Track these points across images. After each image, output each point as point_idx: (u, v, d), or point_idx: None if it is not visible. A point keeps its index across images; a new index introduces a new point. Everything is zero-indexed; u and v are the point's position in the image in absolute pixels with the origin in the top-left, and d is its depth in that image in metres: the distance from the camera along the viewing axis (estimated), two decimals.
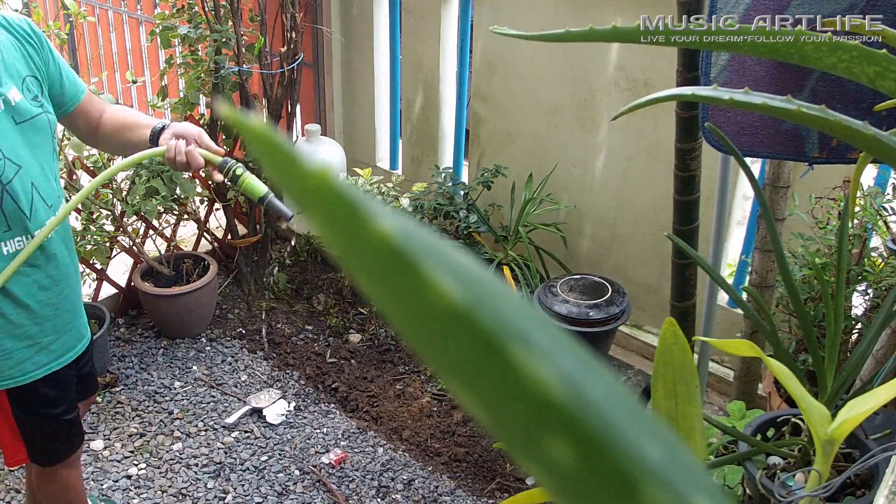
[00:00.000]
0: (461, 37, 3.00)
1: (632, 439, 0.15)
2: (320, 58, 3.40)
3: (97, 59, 4.80)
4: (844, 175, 1.97)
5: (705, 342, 1.66)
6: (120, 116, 1.61)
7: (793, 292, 1.46)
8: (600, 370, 0.17)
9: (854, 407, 0.90)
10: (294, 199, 0.17)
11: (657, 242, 2.64)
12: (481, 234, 2.90)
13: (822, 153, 1.45)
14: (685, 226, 1.70)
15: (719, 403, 2.51)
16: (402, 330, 0.17)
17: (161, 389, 2.65)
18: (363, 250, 0.16)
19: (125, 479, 2.29)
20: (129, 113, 1.63)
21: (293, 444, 2.45)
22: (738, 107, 0.66)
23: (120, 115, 1.61)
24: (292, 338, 2.95)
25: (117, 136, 1.59)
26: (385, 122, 3.42)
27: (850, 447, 1.40)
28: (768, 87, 1.41)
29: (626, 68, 2.54)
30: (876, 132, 0.60)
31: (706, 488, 0.16)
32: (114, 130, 1.59)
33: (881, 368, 1.58)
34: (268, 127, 0.17)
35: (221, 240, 3.16)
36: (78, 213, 2.64)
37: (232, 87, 2.84)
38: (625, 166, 2.65)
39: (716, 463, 1.53)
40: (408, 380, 2.75)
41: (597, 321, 2.33)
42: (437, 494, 2.29)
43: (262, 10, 2.80)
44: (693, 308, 1.80)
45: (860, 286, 1.97)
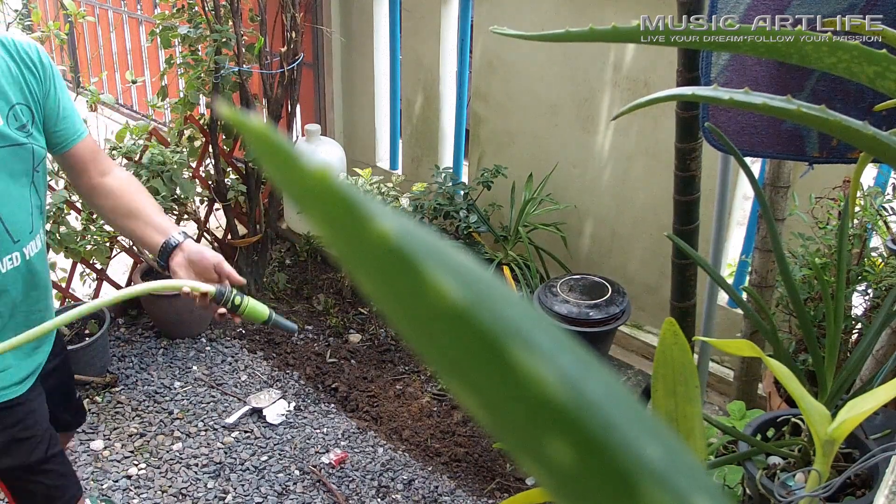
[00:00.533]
0: (461, 37, 3.00)
1: (632, 439, 0.15)
2: (320, 58, 3.40)
3: (97, 59, 4.80)
4: (844, 175, 1.97)
5: (705, 342, 1.66)
6: (128, 198, 1.44)
7: (793, 292, 1.46)
8: (600, 370, 0.17)
9: (854, 407, 0.90)
10: (294, 199, 0.17)
11: (657, 242, 2.64)
12: (481, 234, 2.90)
13: (822, 153, 1.45)
14: (685, 226, 1.70)
15: (719, 403, 2.51)
16: (402, 330, 0.17)
17: (161, 389, 2.65)
18: (363, 250, 0.16)
19: (125, 479, 2.29)
20: (139, 197, 1.46)
21: (293, 444, 2.45)
22: (738, 107, 0.66)
23: (128, 196, 1.44)
24: (292, 338, 2.95)
25: (122, 220, 1.44)
26: (385, 122, 3.42)
27: (850, 447, 1.40)
28: (768, 86, 1.41)
29: (626, 68, 2.53)
30: (876, 132, 0.60)
31: (706, 488, 0.16)
32: (119, 211, 1.44)
33: (881, 368, 1.58)
34: (268, 127, 0.17)
35: (221, 240, 3.16)
36: (78, 213, 2.64)
37: (232, 87, 2.84)
38: (625, 166, 2.65)
39: (716, 463, 1.53)
40: (408, 380, 2.75)
41: (597, 321, 2.33)
42: (437, 494, 2.29)
43: (262, 10, 2.80)
44: (693, 308, 1.80)
45: (860, 286, 1.97)
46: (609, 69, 2.57)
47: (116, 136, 2.73)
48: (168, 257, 1.37)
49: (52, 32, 2.47)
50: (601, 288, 2.43)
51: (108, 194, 1.45)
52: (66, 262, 2.75)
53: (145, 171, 2.66)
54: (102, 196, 1.45)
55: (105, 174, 1.47)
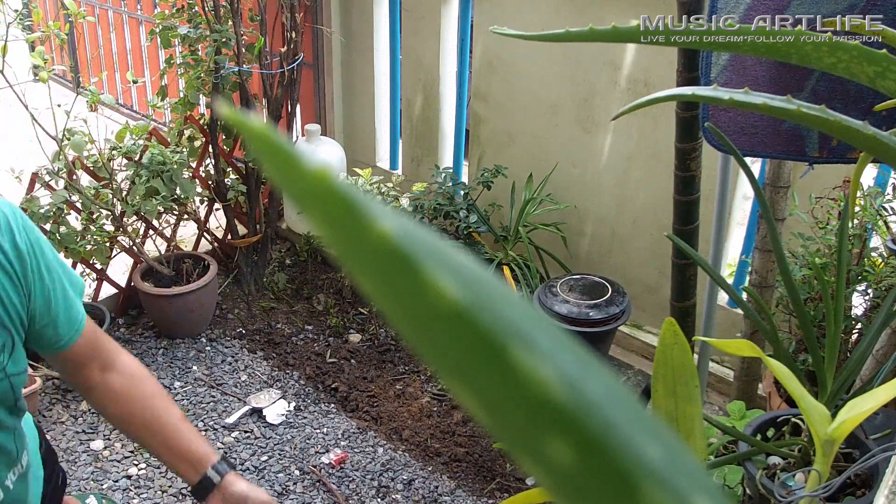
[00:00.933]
0: (461, 37, 3.00)
1: (632, 439, 0.15)
2: (320, 58, 3.40)
3: (97, 59, 4.80)
4: (844, 175, 1.97)
5: (705, 342, 1.66)
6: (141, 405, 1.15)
7: (793, 292, 1.46)
8: (600, 370, 0.17)
9: (854, 407, 0.90)
10: (294, 199, 0.17)
11: (657, 242, 2.64)
12: (481, 234, 2.90)
13: (823, 153, 1.45)
14: (685, 226, 1.70)
15: (719, 403, 2.51)
16: (402, 330, 0.17)
17: None
18: (363, 250, 0.16)
19: (125, 479, 2.29)
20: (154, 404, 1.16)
21: (293, 444, 2.45)
22: (738, 107, 0.66)
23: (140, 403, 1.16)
24: (292, 338, 2.95)
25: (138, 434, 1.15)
26: (385, 122, 3.42)
27: (850, 447, 1.40)
28: (768, 86, 1.41)
29: (625, 68, 2.53)
30: (876, 132, 0.60)
31: (706, 488, 0.16)
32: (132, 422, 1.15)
33: (881, 368, 1.58)
34: (268, 127, 0.17)
35: (221, 240, 3.16)
36: (78, 213, 2.64)
37: (232, 87, 2.84)
38: (625, 166, 2.65)
39: (716, 463, 1.53)
40: (408, 380, 2.75)
41: (597, 321, 2.33)
42: (437, 494, 2.29)
43: (262, 10, 2.80)
44: (693, 308, 1.80)
45: (860, 286, 1.97)
46: (609, 69, 2.57)
47: (116, 136, 2.73)
48: (204, 498, 1.14)
49: (52, 32, 2.47)
50: (601, 288, 2.43)
51: (114, 399, 1.15)
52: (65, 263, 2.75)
53: (145, 171, 2.66)
54: (106, 399, 1.15)
55: (107, 368, 1.15)
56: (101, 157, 2.63)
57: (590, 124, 2.69)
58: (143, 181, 2.65)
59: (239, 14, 2.72)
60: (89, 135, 2.58)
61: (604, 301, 2.37)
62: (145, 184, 2.64)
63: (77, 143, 2.50)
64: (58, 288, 1.05)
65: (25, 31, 2.48)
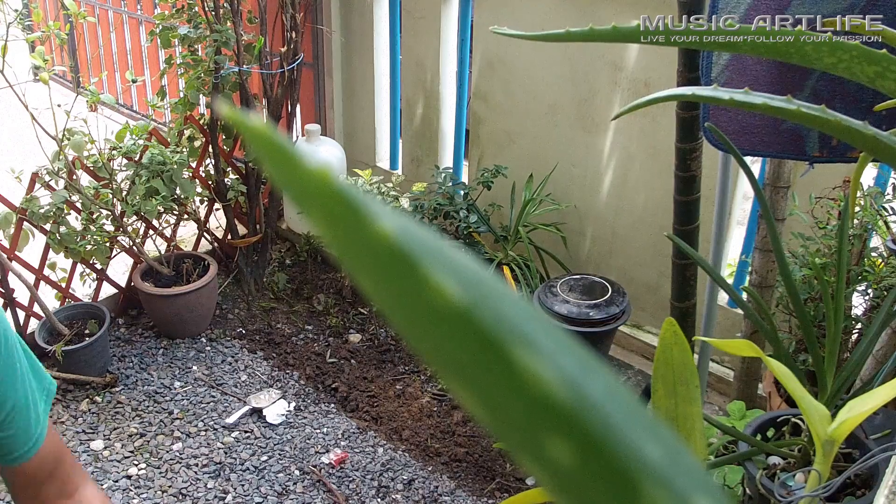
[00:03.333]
0: (461, 37, 3.00)
1: (632, 439, 0.15)
2: (320, 58, 3.40)
3: (97, 59, 4.80)
4: (844, 175, 1.97)
5: (705, 342, 1.66)
6: None
7: (793, 292, 1.46)
8: (600, 370, 0.17)
9: (854, 407, 0.90)
10: (294, 199, 0.17)
11: (657, 242, 2.63)
12: (481, 234, 2.90)
13: (823, 152, 1.45)
14: (685, 226, 1.70)
15: (719, 403, 2.51)
16: (402, 330, 0.17)
17: (161, 389, 2.65)
18: (363, 250, 0.16)
19: (125, 479, 2.29)
20: None
21: (293, 444, 2.45)
22: (738, 107, 0.66)
23: None
24: (292, 338, 2.95)
25: None
26: (385, 122, 3.42)
27: (850, 447, 1.40)
28: (768, 86, 1.41)
29: (625, 68, 2.53)
30: (876, 132, 0.60)
31: (706, 488, 0.16)
32: None
33: (881, 368, 1.58)
34: (268, 127, 0.17)
35: (221, 240, 3.16)
36: (78, 213, 2.64)
37: (232, 87, 2.84)
38: (625, 166, 2.65)
39: (716, 463, 1.53)
40: (408, 380, 2.75)
41: (597, 321, 2.33)
42: (437, 494, 2.29)
43: (262, 11, 2.80)
44: (693, 308, 1.80)
45: (860, 286, 1.97)
46: (609, 69, 2.57)
47: (116, 136, 2.73)
48: None
49: (52, 32, 2.47)
50: (601, 288, 2.43)
51: None
52: (66, 262, 2.75)
53: (145, 171, 2.66)
54: None
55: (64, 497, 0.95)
56: (101, 157, 2.63)
57: (590, 124, 2.69)
58: (143, 181, 2.65)
59: (239, 14, 2.72)
60: (89, 135, 2.58)
61: (604, 301, 2.37)
62: (145, 184, 2.64)
63: (77, 143, 2.50)
64: (19, 392, 0.87)
65: (25, 31, 2.48)
